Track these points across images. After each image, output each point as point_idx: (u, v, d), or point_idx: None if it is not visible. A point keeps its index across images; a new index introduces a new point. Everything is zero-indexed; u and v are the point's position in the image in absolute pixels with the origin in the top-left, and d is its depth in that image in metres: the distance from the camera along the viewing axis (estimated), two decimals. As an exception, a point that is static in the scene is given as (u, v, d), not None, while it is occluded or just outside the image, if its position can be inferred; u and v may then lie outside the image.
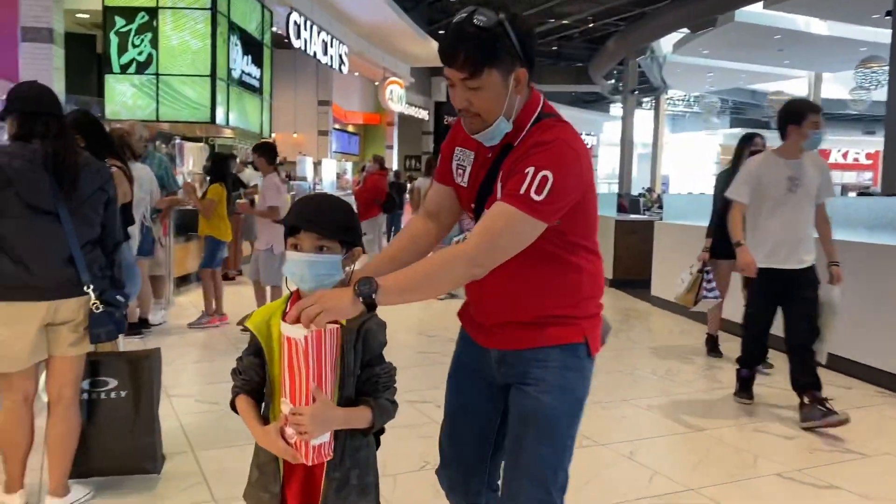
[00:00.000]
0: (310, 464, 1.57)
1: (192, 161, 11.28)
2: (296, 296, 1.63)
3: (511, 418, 1.81)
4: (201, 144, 12.79)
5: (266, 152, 6.01)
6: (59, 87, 8.59)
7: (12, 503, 2.78)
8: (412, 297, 1.58)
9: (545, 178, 1.58)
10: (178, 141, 11.08)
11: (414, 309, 6.60)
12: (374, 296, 1.48)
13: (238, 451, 3.02)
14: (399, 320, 3.32)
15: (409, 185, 13.67)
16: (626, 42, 21.82)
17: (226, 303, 6.44)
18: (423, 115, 26.60)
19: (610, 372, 5.06)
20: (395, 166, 20.47)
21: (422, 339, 6.16)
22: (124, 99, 11.45)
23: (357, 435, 1.63)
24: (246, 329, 1.66)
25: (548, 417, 1.74)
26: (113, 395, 2.99)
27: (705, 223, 5.41)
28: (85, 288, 2.69)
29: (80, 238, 2.70)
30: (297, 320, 1.48)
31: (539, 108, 1.72)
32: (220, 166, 6.60)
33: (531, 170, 1.59)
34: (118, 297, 2.83)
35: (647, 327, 7.05)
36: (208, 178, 6.93)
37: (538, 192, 1.58)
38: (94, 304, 2.70)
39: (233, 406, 1.68)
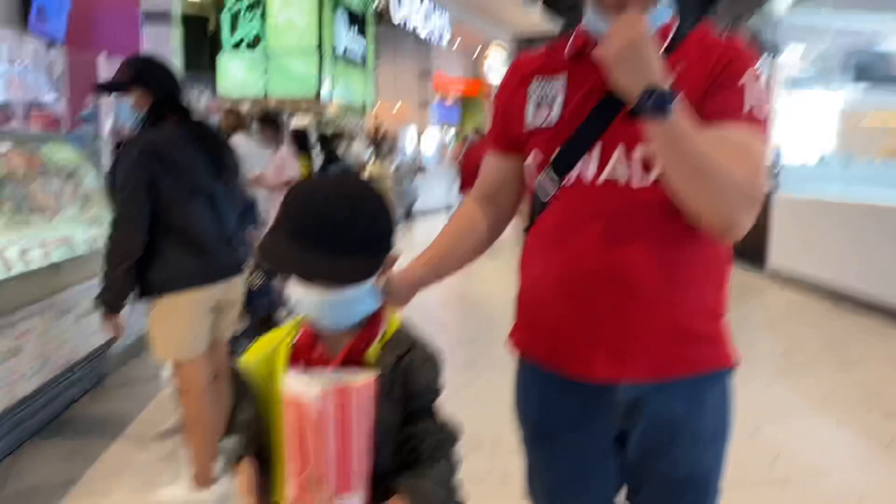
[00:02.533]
0: None
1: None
2: (306, 324, 1.12)
3: (644, 483, 1.31)
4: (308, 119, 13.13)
5: (270, 123, 6.12)
6: (176, 65, 9.00)
7: (203, 499, 2.61)
8: (682, 158, 1.07)
9: (761, 93, 1.14)
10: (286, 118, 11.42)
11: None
12: (670, 103, 1.04)
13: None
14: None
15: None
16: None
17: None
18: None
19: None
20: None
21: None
22: (235, 76, 11.90)
23: None
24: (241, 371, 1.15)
25: (706, 478, 1.29)
26: None
27: (831, 197, 5.09)
28: (243, 265, 2.66)
29: (234, 215, 2.65)
30: (311, 364, 1.07)
31: None
32: (300, 139, 6.60)
33: (748, 77, 1.15)
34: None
35: (764, 304, 6.78)
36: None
37: (759, 110, 1.14)
38: (256, 276, 2.74)
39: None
